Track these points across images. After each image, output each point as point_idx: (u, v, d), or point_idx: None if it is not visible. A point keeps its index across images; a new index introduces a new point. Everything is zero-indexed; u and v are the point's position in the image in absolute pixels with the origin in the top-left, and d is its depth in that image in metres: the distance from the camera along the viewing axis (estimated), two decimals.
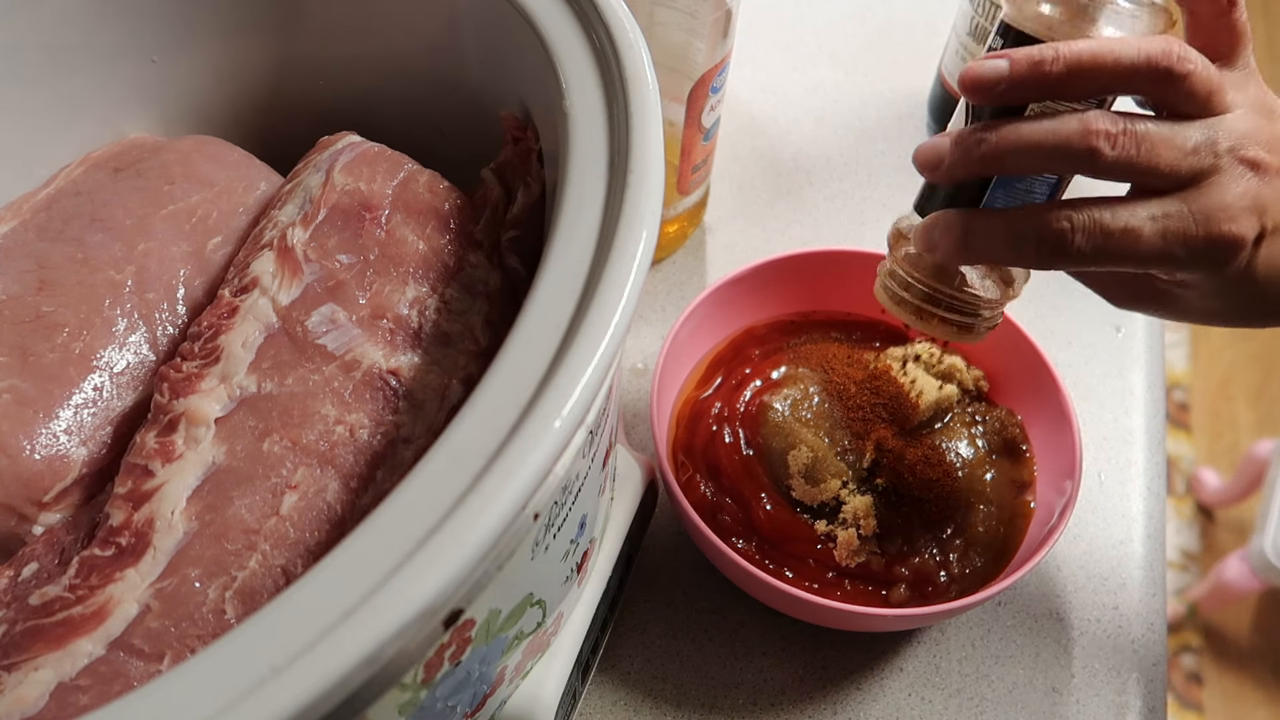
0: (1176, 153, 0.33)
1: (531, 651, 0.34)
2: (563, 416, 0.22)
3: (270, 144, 0.43)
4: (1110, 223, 0.33)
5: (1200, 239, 0.33)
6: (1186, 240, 0.33)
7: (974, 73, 0.34)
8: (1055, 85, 0.33)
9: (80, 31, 0.40)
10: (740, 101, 0.72)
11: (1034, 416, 0.48)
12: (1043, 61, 0.33)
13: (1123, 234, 0.33)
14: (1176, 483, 1.49)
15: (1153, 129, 0.33)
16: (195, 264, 0.37)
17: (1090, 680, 0.46)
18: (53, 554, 0.31)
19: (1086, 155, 0.33)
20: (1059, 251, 0.34)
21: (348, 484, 0.30)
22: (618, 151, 0.28)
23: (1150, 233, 0.33)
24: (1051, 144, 0.33)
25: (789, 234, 0.64)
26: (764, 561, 0.44)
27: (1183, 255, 0.33)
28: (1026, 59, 0.33)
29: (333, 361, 0.32)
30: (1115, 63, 0.32)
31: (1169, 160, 0.33)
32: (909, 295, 0.41)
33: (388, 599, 0.20)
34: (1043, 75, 0.33)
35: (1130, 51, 0.32)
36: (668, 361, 0.48)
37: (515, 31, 0.34)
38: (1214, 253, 0.33)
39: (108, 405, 0.34)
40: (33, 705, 0.26)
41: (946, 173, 0.36)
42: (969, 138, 0.34)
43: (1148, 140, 0.33)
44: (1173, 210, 0.33)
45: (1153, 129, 0.33)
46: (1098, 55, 0.33)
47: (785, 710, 0.45)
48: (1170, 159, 0.33)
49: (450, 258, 0.35)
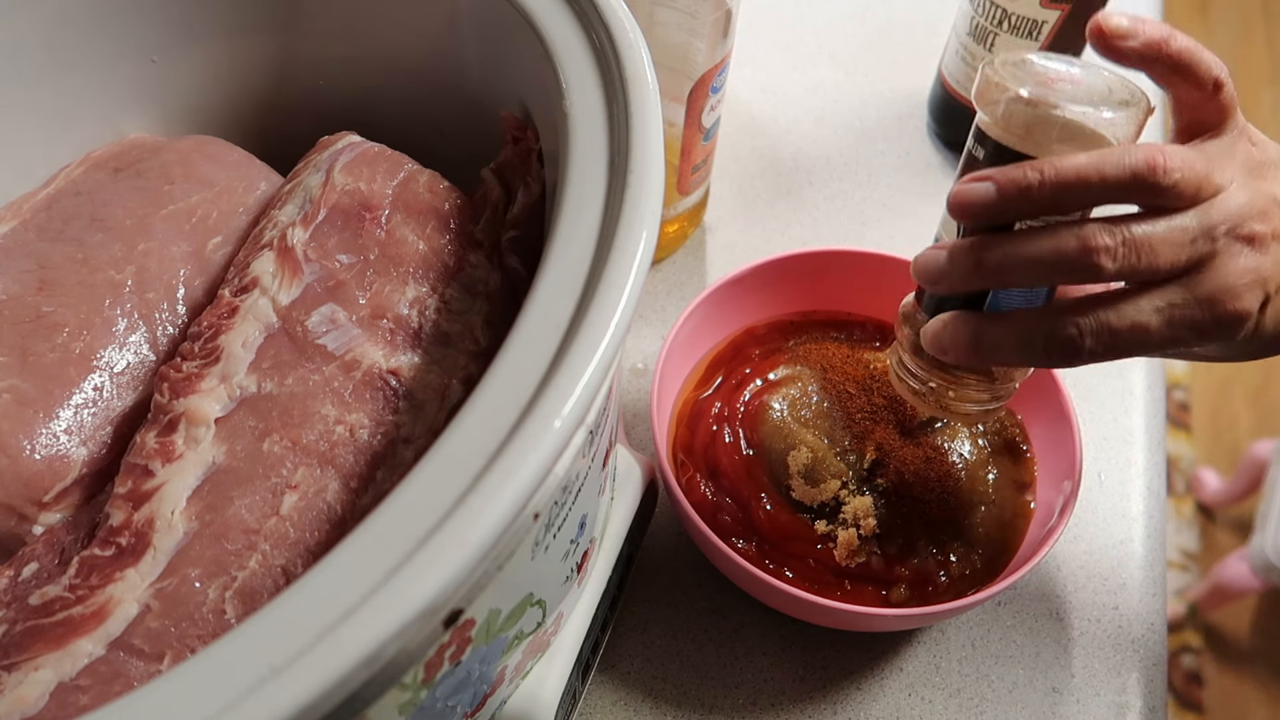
0: (1175, 249, 0.33)
1: (531, 651, 0.34)
2: (563, 416, 0.22)
3: (270, 144, 0.43)
4: (1117, 322, 0.34)
5: (1207, 322, 0.34)
6: (1193, 325, 0.34)
7: (963, 197, 0.34)
8: (1044, 205, 0.34)
9: (80, 31, 0.40)
10: (740, 101, 0.72)
11: (1034, 416, 0.48)
12: (1029, 186, 0.33)
13: (1130, 330, 0.34)
14: (1176, 483, 1.49)
15: (1150, 231, 0.33)
16: (195, 264, 0.37)
17: (1090, 680, 0.46)
18: (53, 554, 0.31)
19: (1089, 270, 0.33)
20: (1070, 355, 0.34)
21: (348, 484, 0.30)
22: (618, 151, 0.28)
23: (1157, 324, 0.34)
24: (1052, 261, 0.34)
25: (789, 234, 0.64)
26: (764, 561, 0.44)
27: (1192, 339, 0.34)
28: (1012, 183, 0.33)
29: (333, 361, 0.32)
30: (1101, 181, 0.33)
31: (1169, 258, 0.33)
32: (923, 388, 0.41)
33: (388, 599, 0.20)
34: (1031, 198, 0.33)
35: (1114, 168, 0.33)
36: (668, 361, 0.48)
37: (515, 31, 0.34)
38: (1222, 330, 0.34)
39: (108, 405, 0.34)
40: (33, 705, 0.26)
41: (947, 287, 0.37)
42: (967, 256, 0.35)
43: (1147, 245, 0.33)
44: (1177, 299, 0.34)
45: (1150, 231, 0.33)
46: (1082, 174, 0.33)
47: (785, 710, 0.45)
48: (1170, 257, 0.33)
49: (450, 258, 0.35)
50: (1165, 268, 0.33)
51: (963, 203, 0.35)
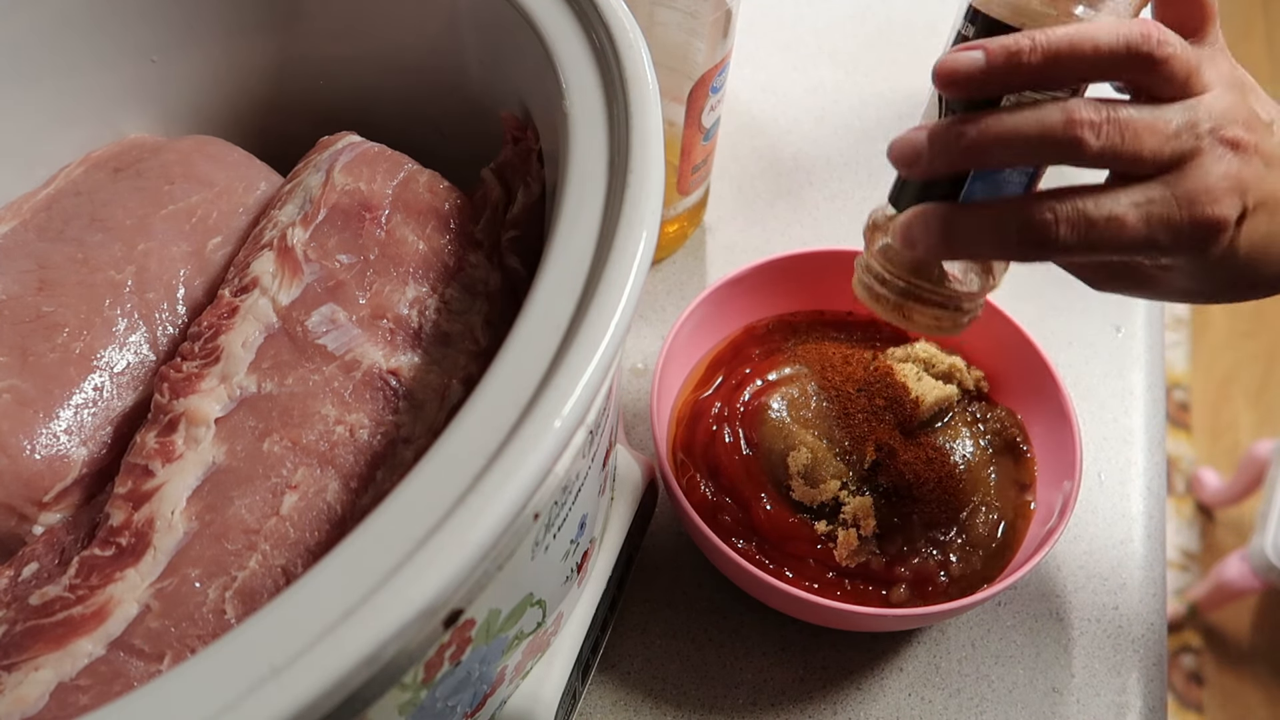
0: (1159, 138, 0.33)
1: (531, 651, 0.34)
2: (563, 416, 0.22)
3: (270, 144, 0.43)
4: (1094, 212, 0.33)
5: (1184, 223, 0.33)
6: (1170, 225, 0.33)
7: (949, 66, 0.33)
8: (1034, 76, 0.32)
9: (80, 31, 0.40)
10: (740, 101, 0.72)
11: (1034, 416, 0.48)
12: (1020, 52, 0.32)
13: (1107, 223, 0.33)
14: (1176, 483, 1.49)
15: (1135, 115, 0.33)
16: (195, 264, 0.37)
17: (1090, 680, 0.46)
18: (53, 554, 0.31)
19: (1072, 146, 0.32)
20: (1044, 243, 0.33)
21: (348, 484, 0.30)
22: (618, 151, 0.28)
23: (1134, 220, 0.33)
24: (1036, 136, 0.32)
25: (789, 234, 0.64)
26: (764, 561, 0.44)
27: (1167, 241, 0.33)
28: (1003, 50, 0.32)
29: (333, 361, 0.32)
30: (1094, 50, 0.32)
31: (1152, 146, 0.33)
32: (887, 291, 0.40)
33: (388, 599, 0.20)
34: (1020, 66, 0.32)
35: (1109, 38, 0.32)
36: (668, 361, 0.48)
37: (515, 31, 0.34)
38: (1198, 236, 0.33)
39: (108, 405, 0.34)
40: (33, 705, 0.26)
41: (925, 168, 0.35)
42: (947, 132, 0.34)
43: (1131, 128, 0.32)
44: (1156, 195, 0.33)
45: (1135, 115, 0.33)
46: (1076, 44, 0.32)
47: (785, 710, 0.45)
48: (1153, 145, 0.33)
49: (450, 258, 0.35)
50: (1148, 156, 0.33)
51: (949, 70, 0.33)
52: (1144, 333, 0.59)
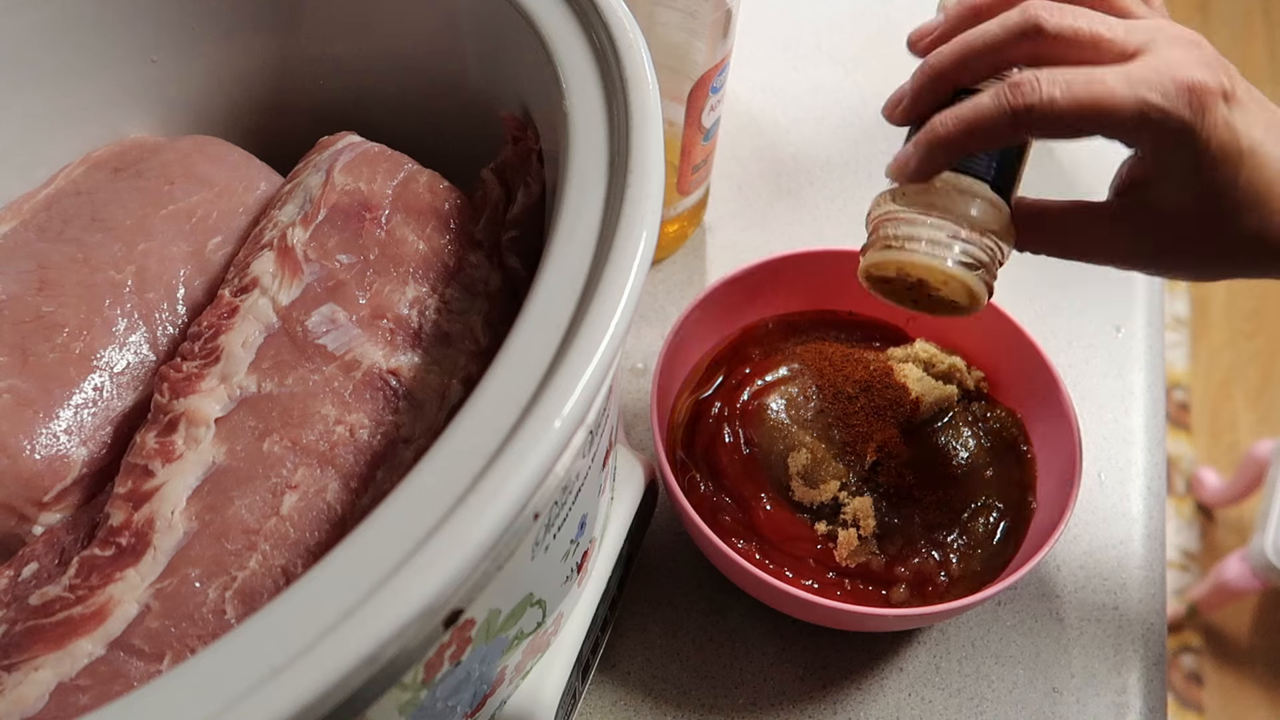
0: (1118, 28, 0.35)
1: (531, 651, 0.34)
2: (563, 416, 0.22)
3: (270, 144, 0.43)
4: (1078, 76, 0.34)
5: (1170, 85, 0.33)
6: (1156, 87, 0.33)
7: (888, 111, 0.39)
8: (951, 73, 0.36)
9: (80, 32, 0.40)
10: (740, 101, 0.72)
11: (1034, 416, 0.48)
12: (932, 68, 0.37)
13: (1087, 82, 0.34)
14: (1176, 483, 1.49)
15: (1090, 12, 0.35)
16: (195, 264, 0.37)
17: (1090, 680, 0.46)
18: (53, 554, 0.31)
19: (1033, 31, 0.35)
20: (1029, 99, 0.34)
21: (348, 484, 0.30)
22: (618, 151, 0.28)
23: (1120, 87, 0.34)
24: (1000, 36, 0.35)
25: (789, 234, 0.64)
26: (764, 561, 0.44)
27: (1157, 105, 0.33)
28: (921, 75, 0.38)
29: (333, 361, 0.32)
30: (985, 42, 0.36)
31: (1111, 32, 0.35)
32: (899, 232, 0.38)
33: (388, 599, 0.20)
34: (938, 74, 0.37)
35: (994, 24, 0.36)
36: (668, 361, 0.48)
37: (515, 31, 0.34)
38: (1185, 100, 0.33)
39: (108, 405, 0.34)
40: (33, 705, 0.26)
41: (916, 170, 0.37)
42: (926, 130, 0.37)
43: (1084, 15, 0.35)
44: (1134, 68, 0.34)
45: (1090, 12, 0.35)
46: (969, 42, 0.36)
47: (785, 710, 0.45)
48: (1112, 31, 0.35)
49: (450, 258, 0.35)
50: (1109, 37, 0.35)
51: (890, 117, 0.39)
52: (1144, 333, 0.59)
